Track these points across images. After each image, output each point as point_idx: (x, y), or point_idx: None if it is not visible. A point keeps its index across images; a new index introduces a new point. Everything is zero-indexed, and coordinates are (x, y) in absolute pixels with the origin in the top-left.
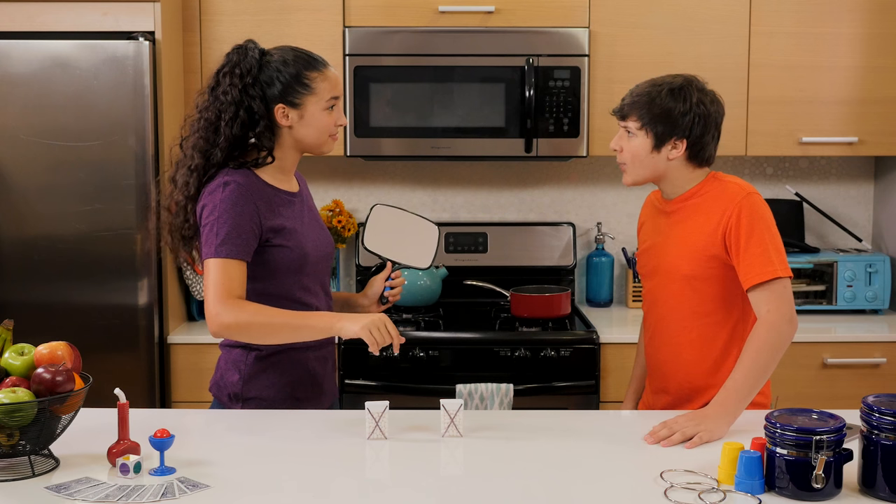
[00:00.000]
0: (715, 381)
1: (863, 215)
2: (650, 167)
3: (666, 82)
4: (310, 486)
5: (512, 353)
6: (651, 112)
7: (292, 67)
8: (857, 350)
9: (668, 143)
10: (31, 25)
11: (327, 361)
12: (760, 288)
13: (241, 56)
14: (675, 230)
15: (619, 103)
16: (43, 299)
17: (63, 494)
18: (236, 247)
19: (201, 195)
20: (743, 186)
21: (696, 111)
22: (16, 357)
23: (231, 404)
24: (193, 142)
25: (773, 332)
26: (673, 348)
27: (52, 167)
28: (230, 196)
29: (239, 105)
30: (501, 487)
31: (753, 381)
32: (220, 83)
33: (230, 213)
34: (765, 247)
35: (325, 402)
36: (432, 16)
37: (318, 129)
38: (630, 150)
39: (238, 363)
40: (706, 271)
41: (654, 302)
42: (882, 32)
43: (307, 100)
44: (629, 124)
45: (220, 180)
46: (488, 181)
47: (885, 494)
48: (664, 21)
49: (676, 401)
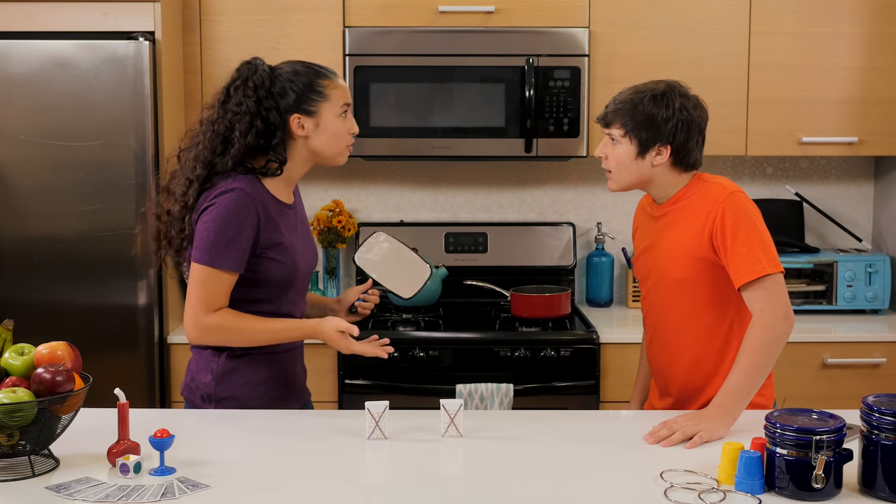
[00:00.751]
0: (715, 381)
1: (863, 215)
2: (635, 173)
3: (648, 89)
4: (310, 486)
5: (512, 353)
6: (634, 119)
7: (304, 77)
8: (857, 350)
9: (652, 150)
10: (31, 25)
11: (297, 362)
12: (752, 287)
13: (251, 70)
14: (664, 234)
15: (603, 111)
16: (43, 299)
17: (63, 494)
18: (230, 259)
19: (201, 200)
20: (725, 186)
21: (679, 117)
22: (16, 357)
23: (204, 405)
24: (196, 153)
25: (768, 330)
26: (671, 350)
27: (52, 167)
28: (233, 203)
29: (254, 116)
30: (501, 487)
31: (752, 381)
32: (232, 96)
33: (230, 221)
34: (751, 245)
35: (297, 402)
36: (432, 16)
37: (333, 136)
38: (615, 157)
39: (210, 363)
40: (696, 274)
41: (650, 305)
42: (882, 32)
43: (322, 106)
44: (613, 132)
45: (226, 185)
46: (488, 181)
47: (885, 494)
48: (664, 21)
49: (679, 402)
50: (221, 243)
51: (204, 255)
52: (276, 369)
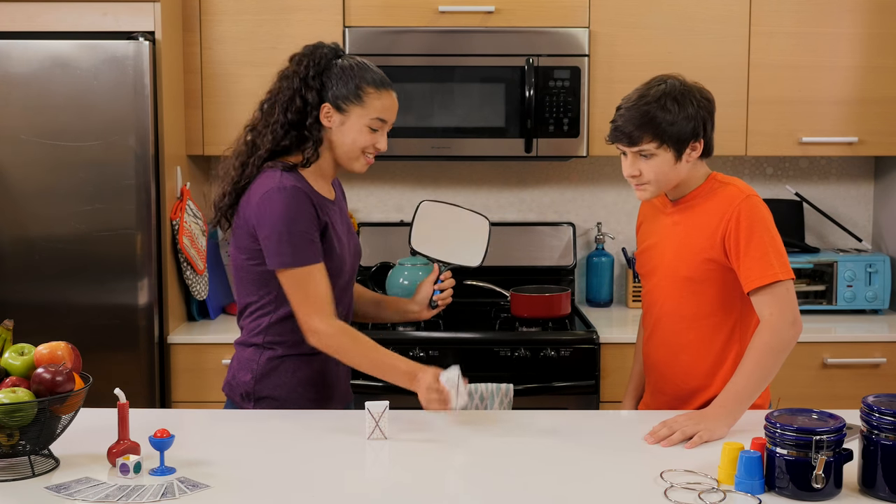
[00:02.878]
0: (712, 382)
1: (863, 215)
2: (675, 178)
3: (662, 93)
4: (310, 486)
5: (512, 353)
6: (666, 128)
7: (355, 75)
8: (857, 350)
9: (687, 149)
10: (31, 25)
11: (340, 364)
12: (762, 291)
13: (316, 48)
14: (675, 231)
15: (618, 131)
16: (43, 299)
17: (63, 494)
18: (311, 252)
19: (251, 192)
20: (742, 189)
21: (704, 109)
22: (16, 357)
23: (243, 403)
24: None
25: (776, 335)
26: (670, 349)
27: (52, 167)
28: (291, 200)
29: (297, 92)
30: (501, 487)
31: (755, 384)
32: (288, 68)
33: (296, 217)
34: (764, 250)
35: (337, 404)
36: (432, 16)
37: (352, 141)
38: (653, 170)
39: (251, 363)
40: (705, 273)
41: (652, 302)
42: (882, 32)
43: (353, 109)
44: (645, 147)
45: (275, 184)
46: (488, 181)
47: (885, 494)
48: (664, 21)
49: (674, 401)
50: (298, 240)
51: (286, 259)
52: (316, 371)
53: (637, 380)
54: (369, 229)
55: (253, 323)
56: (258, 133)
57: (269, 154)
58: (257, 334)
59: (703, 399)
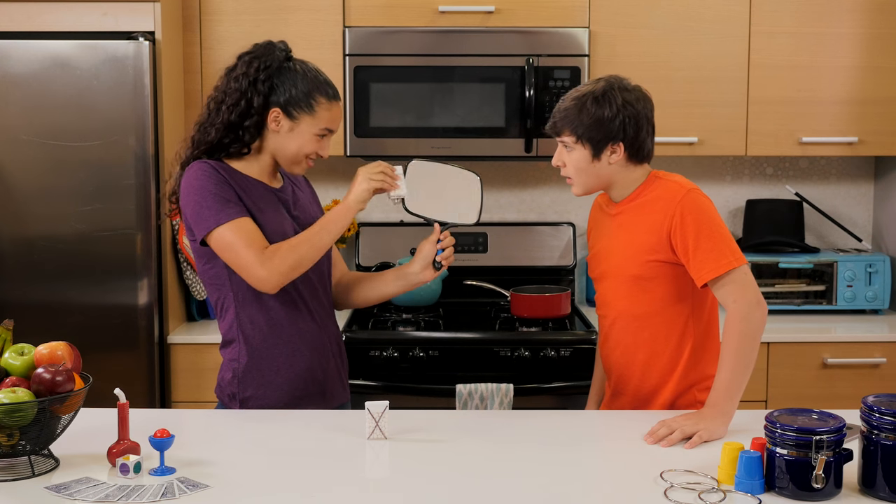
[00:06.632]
0: (670, 379)
1: (863, 215)
2: (594, 175)
3: (589, 91)
4: (310, 486)
5: (512, 353)
6: (582, 123)
7: (308, 83)
8: (857, 350)
9: (605, 150)
10: (31, 25)
11: (328, 361)
12: (720, 281)
13: (267, 50)
14: (621, 232)
15: (550, 120)
16: (43, 299)
17: (63, 494)
18: (229, 210)
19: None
20: (682, 184)
21: (624, 113)
22: (16, 357)
23: (231, 404)
24: (199, 121)
25: (745, 321)
26: (626, 349)
27: (52, 167)
28: (201, 173)
29: (243, 95)
30: (501, 487)
31: (740, 376)
32: (237, 67)
33: (208, 186)
34: (714, 241)
35: (331, 402)
36: (432, 16)
37: (298, 147)
38: (572, 163)
39: (231, 363)
40: (653, 271)
41: (605, 305)
42: (882, 32)
43: (303, 118)
44: (564, 139)
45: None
46: (488, 181)
47: (885, 494)
48: (664, 21)
49: (634, 402)
50: (216, 204)
51: (210, 223)
52: (301, 369)
53: (598, 384)
54: (369, 229)
55: (224, 323)
56: (204, 131)
57: (209, 149)
58: (229, 331)
59: (664, 399)
